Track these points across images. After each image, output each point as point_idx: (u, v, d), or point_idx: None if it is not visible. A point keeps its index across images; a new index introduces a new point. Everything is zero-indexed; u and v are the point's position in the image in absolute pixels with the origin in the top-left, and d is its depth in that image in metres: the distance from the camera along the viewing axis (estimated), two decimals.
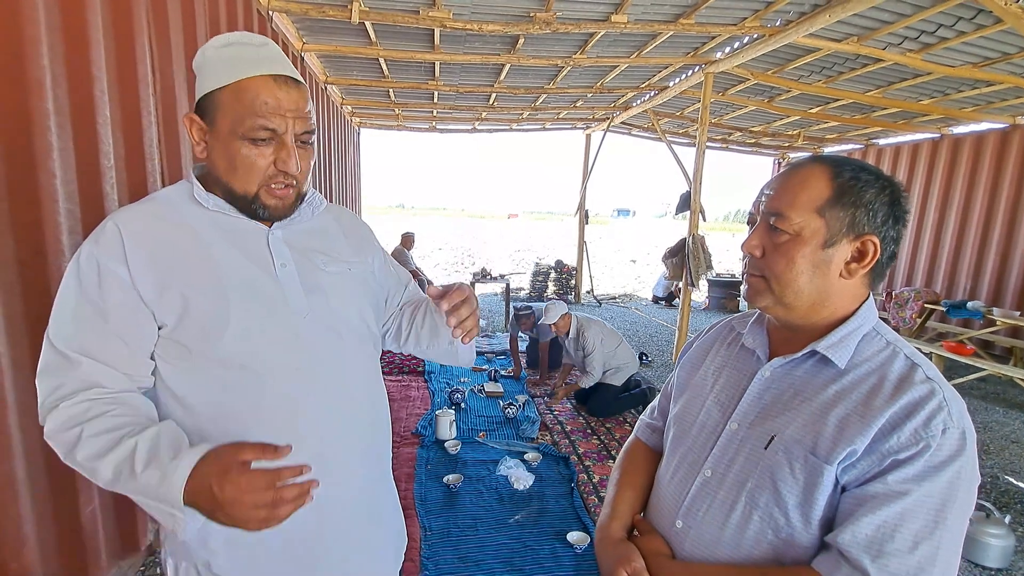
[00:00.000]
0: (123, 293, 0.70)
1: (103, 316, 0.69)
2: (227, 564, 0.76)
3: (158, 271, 0.71)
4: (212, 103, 0.72)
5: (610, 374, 3.59)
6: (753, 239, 0.71)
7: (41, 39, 1.33)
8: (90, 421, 0.66)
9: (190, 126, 0.74)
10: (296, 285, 0.77)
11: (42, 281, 1.39)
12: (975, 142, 5.76)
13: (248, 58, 0.71)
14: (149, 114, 1.83)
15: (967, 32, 3.37)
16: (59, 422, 0.67)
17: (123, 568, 1.77)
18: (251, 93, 0.70)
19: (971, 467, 0.60)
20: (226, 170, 0.74)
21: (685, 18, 3.53)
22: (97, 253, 0.70)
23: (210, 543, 0.75)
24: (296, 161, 0.74)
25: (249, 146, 0.71)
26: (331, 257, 0.83)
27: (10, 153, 1.30)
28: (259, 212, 0.76)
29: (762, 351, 0.75)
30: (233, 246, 0.76)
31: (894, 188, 0.67)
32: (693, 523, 0.72)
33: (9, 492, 1.30)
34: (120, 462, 0.64)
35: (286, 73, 0.73)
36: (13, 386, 1.31)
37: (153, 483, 0.63)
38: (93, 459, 0.65)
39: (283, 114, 0.71)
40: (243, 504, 0.60)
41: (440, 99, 6.12)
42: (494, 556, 2.05)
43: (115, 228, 0.71)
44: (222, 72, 0.71)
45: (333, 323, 0.80)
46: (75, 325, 0.69)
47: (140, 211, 0.75)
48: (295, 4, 3.21)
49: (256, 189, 0.74)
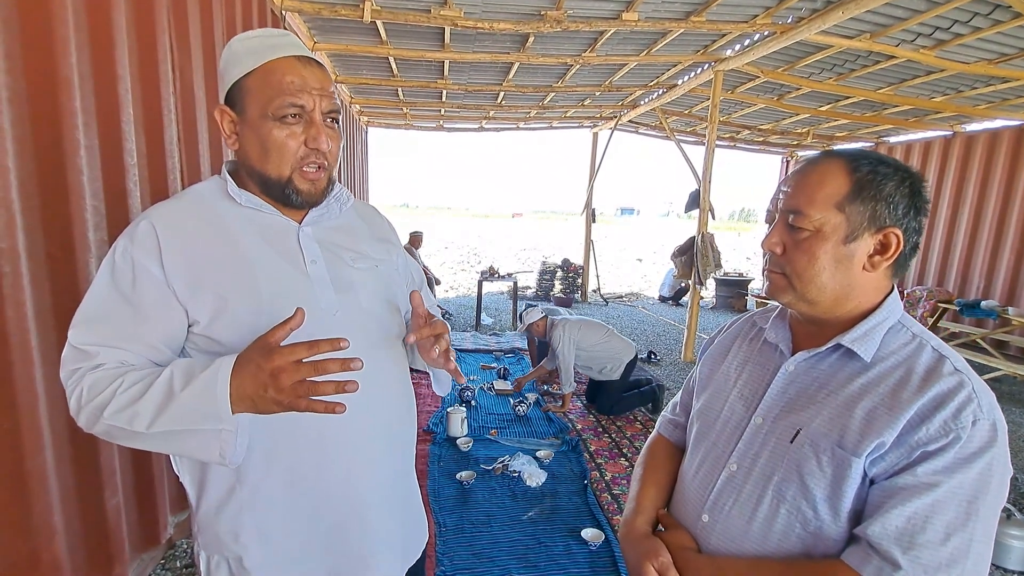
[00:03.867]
0: (157, 291, 0.70)
1: (135, 311, 0.70)
2: (259, 558, 0.76)
3: (192, 270, 0.72)
4: (241, 91, 0.74)
5: (606, 371, 3.53)
6: (773, 236, 0.71)
7: (70, 39, 1.36)
8: (123, 377, 0.67)
9: (221, 118, 0.76)
10: (326, 282, 0.78)
11: (70, 276, 1.41)
12: (989, 140, 5.69)
13: (272, 44, 0.74)
14: (170, 112, 1.86)
15: (983, 28, 3.34)
16: (90, 385, 0.67)
17: (144, 560, 1.80)
18: (278, 73, 0.72)
19: (1003, 459, 0.60)
20: (259, 156, 0.75)
21: (696, 15, 3.53)
22: (132, 250, 0.71)
23: (242, 538, 0.75)
24: (326, 138, 0.75)
25: (279, 126, 0.73)
26: (359, 254, 0.84)
27: (41, 150, 1.33)
28: (292, 198, 0.77)
29: (785, 345, 0.75)
30: (265, 243, 0.77)
31: (914, 179, 0.67)
32: (719, 517, 0.73)
33: (40, 484, 1.33)
34: (159, 393, 0.64)
35: (309, 55, 0.75)
36: (43, 379, 1.34)
37: (196, 393, 0.63)
38: (131, 404, 0.64)
39: (309, 91, 0.73)
40: (288, 371, 0.59)
41: (448, 98, 6.14)
42: (508, 552, 2.06)
43: (150, 226, 0.72)
44: (248, 60, 0.73)
45: (362, 320, 0.81)
46: (105, 320, 0.70)
47: (175, 208, 0.76)
48: (308, 4, 3.24)
49: (289, 172, 0.75)
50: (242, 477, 0.74)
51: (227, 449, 0.64)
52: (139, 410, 0.64)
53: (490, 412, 3.56)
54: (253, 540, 0.75)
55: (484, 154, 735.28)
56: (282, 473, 0.75)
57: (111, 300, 0.70)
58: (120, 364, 0.69)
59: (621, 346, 3.60)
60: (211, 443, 0.64)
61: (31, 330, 1.30)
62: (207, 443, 0.64)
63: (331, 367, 0.60)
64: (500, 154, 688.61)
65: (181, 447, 0.66)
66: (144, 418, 0.64)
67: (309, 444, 0.76)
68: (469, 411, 3.47)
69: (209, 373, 0.63)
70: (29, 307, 1.30)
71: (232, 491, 0.75)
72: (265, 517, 0.76)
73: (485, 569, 1.96)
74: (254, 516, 0.75)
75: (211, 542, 0.77)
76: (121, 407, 0.65)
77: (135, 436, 0.66)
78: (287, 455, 0.75)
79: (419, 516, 0.98)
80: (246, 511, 0.75)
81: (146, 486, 1.78)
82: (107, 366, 0.68)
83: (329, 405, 0.60)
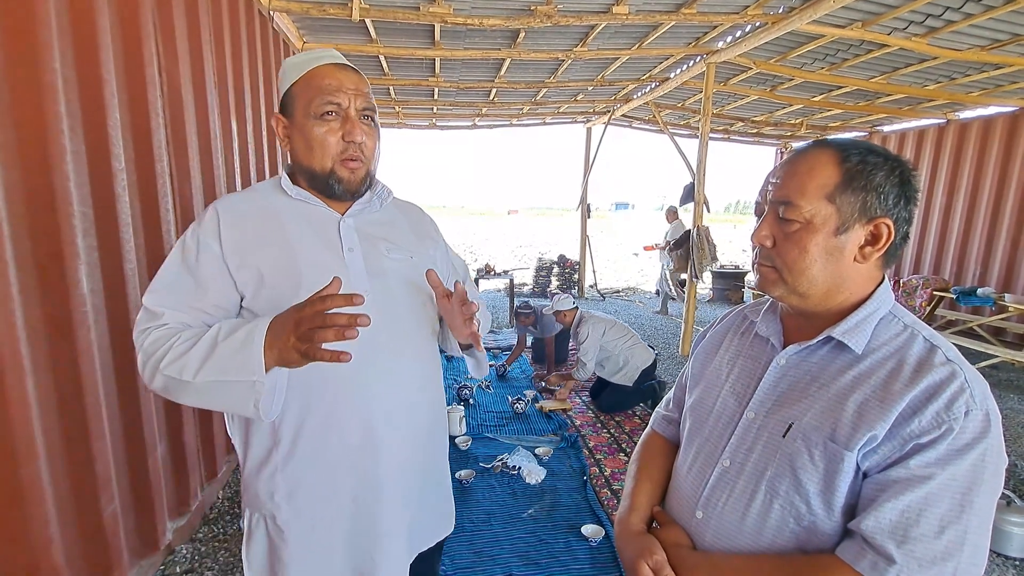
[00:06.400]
0: (215, 264, 0.82)
1: (196, 281, 0.82)
2: (289, 516, 0.85)
3: (243, 249, 0.83)
4: (289, 98, 0.86)
5: (620, 375, 3.53)
6: (763, 229, 0.70)
7: (53, 44, 1.34)
8: (180, 334, 0.78)
9: (276, 124, 0.88)
10: (360, 268, 0.87)
11: (60, 284, 1.40)
12: (983, 126, 5.69)
13: (314, 57, 0.86)
14: (157, 116, 1.84)
15: (975, 14, 3.32)
16: (152, 341, 0.78)
17: (144, 567, 1.79)
18: (317, 78, 0.84)
19: (997, 449, 0.59)
20: (305, 153, 0.86)
21: (687, 7, 3.51)
22: (199, 230, 0.84)
23: (276, 497, 0.85)
24: (360, 132, 0.85)
25: (320, 123, 0.83)
26: (395, 245, 0.93)
27: (26, 157, 1.31)
28: (335, 187, 0.87)
29: (776, 339, 0.75)
30: (309, 230, 0.87)
31: (903, 168, 0.66)
32: (713, 514, 0.72)
33: (35, 493, 1.32)
34: (205, 345, 0.75)
35: (346, 63, 0.87)
36: (35, 387, 1.33)
37: (236, 344, 0.72)
38: (183, 354, 0.75)
39: (345, 91, 0.84)
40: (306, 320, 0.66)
41: (440, 95, 6.11)
42: (510, 550, 2.06)
43: (214, 211, 0.85)
44: (293, 72, 0.86)
45: (391, 305, 0.88)
46: (171, 287, 0.82)
47: (236, 198, 0.89)
48: (295, 3, 3.21)
49: (331, 164, 0.85)
50: (277, 441, 0.84)
51: (261, 402, 0.73)
52: (188, 360, 0.74)
53: (488, 410, 3.56)
54: (284, 499, 0.85)
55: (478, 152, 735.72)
56: (310, 441, 0.84)
57: (178, 271, 0.83)
58: (181, 324, 0.80)
59: (641, 352, 3.59)
60: (247, 395, 0.73)
61: (21, 339, 1.29)
62: (244, 395, 0.73)
63: (339, 319, 0.66)
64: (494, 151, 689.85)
65: (223, 399, 0.75)
66: (191, 367, 0.74)
67: (336, 418, 0.84)
68: (467, 409, 3.47)
69: (248, 327, 0.74)
70: (19, 316, 1.28)
71: (269, 453, 0.85)
72: (294, 479, 0.85)
73: (486, 567, 1.96)
74: (286, 478, 0.84)
75: (252, 500, 0.87)
76: (174, 358, 0.75)
77: (185, 386, 0.75)
78: (316, 426, 0.84)
79: (438, 504, 1.02)
80: (279, 472, 0.84)
81: (144, 492, 1.78)
82: (169, 326, 0.80)
83: (334, 354, 0.66)
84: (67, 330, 1.43)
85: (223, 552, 1.99)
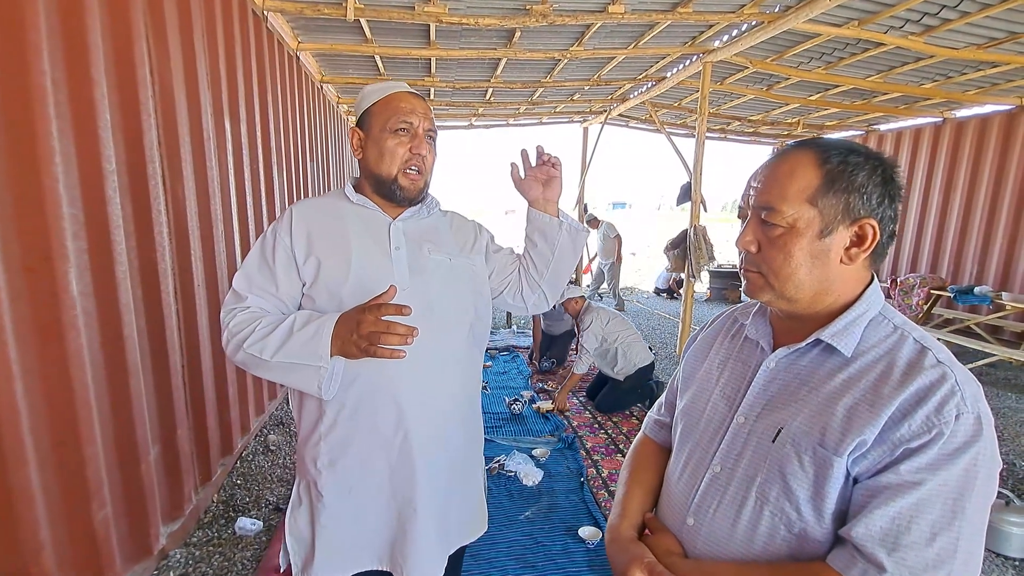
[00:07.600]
0: (286, 255, 0.98)
1: (271, 271, 0.98)
2: (328, 483, 0.97)
3: (308, 243, 0.98)
4: (368, 116, 1.02)
5: (618, 368, 3.54)
6: (747, 235, 0.69)
7: (42, 45, 1.33)
8: (261, 319, 0.93)
9: (352, 136, 1.04)
10: (403, 265, 1.00)
11: (49, 287, 1.39)
12: (979, 125, 5.70)
13: (393, 85, 1.03)
14: (149, 117, 1.83)
15: (971, 12, 3.32)
16: (236, 322, 0.93)
17: (137, 572, 1.78)
18: (395, 101, 1.01)
19: (989, 453, 0.58)
20: (376, 160, 1.01)
21: (683, 6, 3.50)
22: (278, 227, 1.00)
23: (318, 463, 0.97)
24: (425, 147, 1.01)
25: (393, 137, 0.99)
26: (437, 247, 1.05)
27: (15, 159, 1.30)
28: (397, 193, 1.02)
29: (766, 341, 0.74)
30: (364, 230, 1.01)
31: (885, 167, 0.65)
32: (704, 520, 0.71)
33: (25, 498, 1.31)
34: (283, 331, 0.89)
35: (417, 93, 1.04)
36: (24, 392, 1.32)
37: (309, 334, 0.87)
38: (263, 337, 0.90)
39: (416, 113, 1.00)
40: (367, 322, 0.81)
41: (436, 95, 6.09)
42: (506, 553, 2.05)
43: (291, 212, 1.01)
44: (375, 95, 1.02)
45: (428, 299, 0.98)
46: (253, 275, 0.98)
47: (309, 201, 1.05)
48: (290, 3, 3.19)
49: (396, 172, 1.00)
50: (322, 414, 0.96)
51: (323, 383, 0.88)
52: (268, 343, 0.89)
53: (485, 411, 3.53)
54: (325, 466, 0.97)
55: (475, 152, 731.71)
56: (349, 417, 0.96)
57: (259, 261, 0.99)
58: (259, 309, 0.96)
59: (639, 351, 3.60)
60: (313, 377, 0.88)
61: (9, 343, 1.28)
62: (310, 376, 0.88)
63: (399, 328, 0.80)
64: (491, 151, 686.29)
65: (293, 377, 0.90)
66: (270, 349, 0.89)
67: (371, 400, 0.95)
68: None
69: (318, 322, 0.89)
70: (7, 319, 1.27)
71: (315, 425, 0.98)
72: (336, 450, 0.97)
73: (483, 570, 1.95)
74: (328, 447, 0.97)
75: (301, 467, 1.02)
76: (256, 340, 0.90)
77: (262, 364, 0.90)
78: (356, 406, 0.96)
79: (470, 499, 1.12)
80: (323, 441, 0.97)
81: (137, 496, 1.76)
82: (251, 308, 0.96)
83: (393, 352, 0.81)
84: (57, 333, 1.41)
85: (217, 556, 1.98)
